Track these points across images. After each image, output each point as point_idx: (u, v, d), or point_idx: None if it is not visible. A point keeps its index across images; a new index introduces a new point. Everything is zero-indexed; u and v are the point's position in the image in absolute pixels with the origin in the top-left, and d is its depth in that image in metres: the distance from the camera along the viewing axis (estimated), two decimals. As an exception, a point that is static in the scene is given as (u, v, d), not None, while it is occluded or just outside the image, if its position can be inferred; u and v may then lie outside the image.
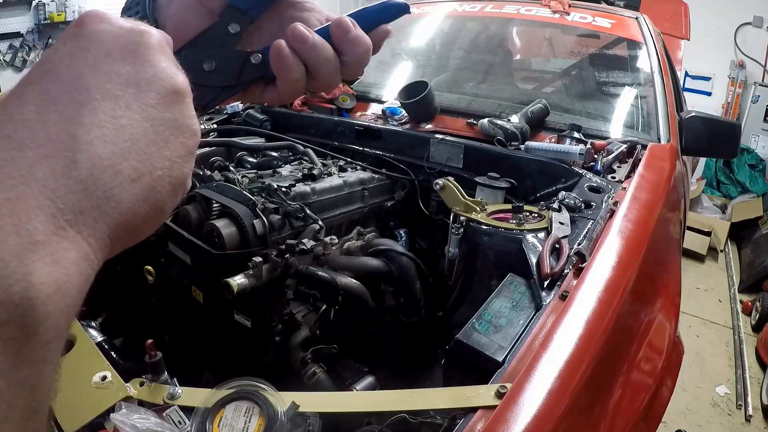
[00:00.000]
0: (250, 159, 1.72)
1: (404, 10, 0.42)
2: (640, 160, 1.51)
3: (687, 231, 3.42)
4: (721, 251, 4.26)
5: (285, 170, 1.54)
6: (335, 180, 1.53)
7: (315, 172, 1.51)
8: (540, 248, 1.05)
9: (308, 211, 1.32)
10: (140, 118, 0.26)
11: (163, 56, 0.29)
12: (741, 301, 3.53)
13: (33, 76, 0.25)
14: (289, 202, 1.31)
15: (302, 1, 0.44)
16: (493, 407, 0.70)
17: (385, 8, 0.42)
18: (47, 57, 0.26)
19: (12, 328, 0.19)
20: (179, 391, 0.77)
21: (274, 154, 1.73)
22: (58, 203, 0.22)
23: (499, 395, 0.71)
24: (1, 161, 0.21)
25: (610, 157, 1.52)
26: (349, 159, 1.73)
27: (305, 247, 1.21)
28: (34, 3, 4.64)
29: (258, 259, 1.16)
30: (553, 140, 1.68)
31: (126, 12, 0.42)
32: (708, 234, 4.23)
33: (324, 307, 1.26)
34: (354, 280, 1.25)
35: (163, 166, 0.26)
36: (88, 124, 0.24)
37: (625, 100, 2.00)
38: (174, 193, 0.27)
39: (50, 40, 4.81)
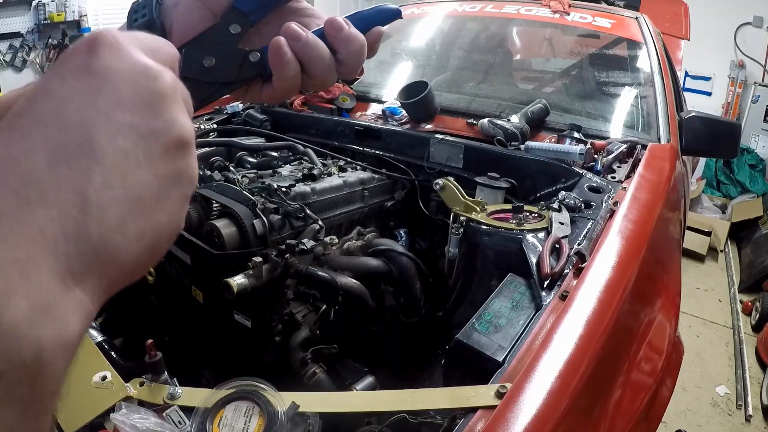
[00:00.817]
0: (250, 159, 1.72)
1: (396, 14, 0.44)
2: (640, 160, 1.51)
3: (687, 231, 3.42)
4: (721, 251, 4.26)
5: (285, 170, 1.54)
6: (335, 180, 1.53)
7: (315, 172, 1.51)
8: (540, 248, 1.05)
9: (308, 211, 1.32)
10: (148, 176, 0.25)
11: (175, 104, 0.27)
12: (741, 301, 3.53)
13: (39, 111, 0.23)
14: (289, 202, 1.31)
15: (303, 8, 0.45)
16: (493, 407, 0.70)
17: (378, 12, 0.43)
18: (55, 89, 0.24)
19: (22, 387, 0.20)
20: (179, 391, 0.77)
21: (274, 154, 1.73)
22: (67, 266, 0.22)
23: (499, 395, 0.71)
24: (10, 219, 0.21)
25: (610, 157, 1.52)
26: (349, 159, 1.73)
27: (305, 247, 1.21)
28: (34, 3, 4.64)
29: (258, 259, 1.16)
30: (553, 140, 1.68)
31: (132, 15, 0.42)
32: (708, 234, 4.23)
33: (324, 307, 1.26)
34: (354, 280, 1.25)
35: (165, 220, 0.27)
36: (98, 185, 0.23)
37: (625, 100, 2.00)
38: (171, 238, 0.28)
39: (50, 39, 4.81)
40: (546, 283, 0.96)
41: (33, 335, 0.20)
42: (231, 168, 1.55)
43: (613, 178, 1.44)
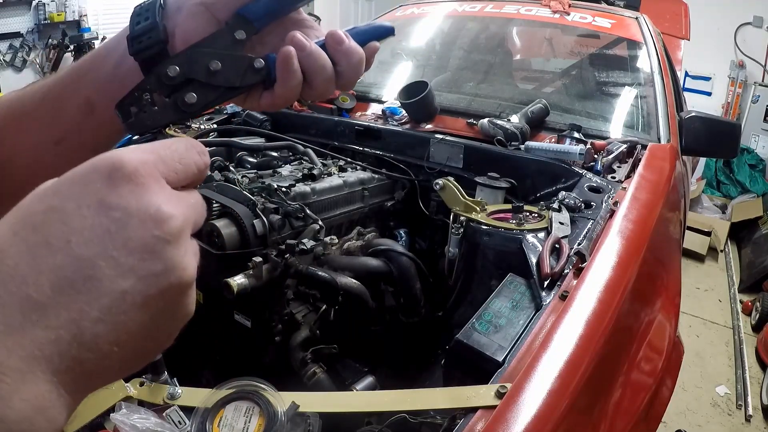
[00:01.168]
0: (250, 159, 1.72)
1: (390, 32, 0.46)
2: (640, 160, 1.51)
3: (687, 231, 3.42)
4: (721, 251, 4.26)
5: (285, 170, 1.54)
6: (335, 180, 1.53)
7: (315, 172, 1.51)
8: (540, 248, 1.05)
9: (308, 211, 1.32)
10: (141, 314, 0.27)
11: (180, 247, 0.28)
12: (741, 301, 3.53)
13: (53, 236, 0.25)
14: (289, 202, 1.31)
15: (303, 19, 0.46)
16: (493, 407, 0.70)
17: (374, 29, 0.46)
18: (70, 216, 0.26)
19: None
20: (179, 391, 0.77)
21: (274, 154, 1.73)
22: (60, 378, 0.25)
23: (499, 395, 0.71)
24: (15, 333, 0.24)
25: (610, 157, 1.52)
26: (349, 159, 1.73)
27: (305, 247, 1.21)
28: (34, 3, 4.64)
29: (258, 259, 1.16)
30: (553, 140, 1.68)
31: (135, 18, 0.43)
32: (708, 234, 4.23)
33: (324, 307, 1.26)
34: (354, 280, 1.25)
35: (153, 347, 0.29)
36: (94, 319, 0.25)
37: (625, 100, 2.00)
38: (157, 355, 0.30)
39: (50, 39, 4.81)
40: (546, 283, 0.96)
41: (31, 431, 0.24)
42: (231, 168, 1.55)
43: (613, 178, 1.44)
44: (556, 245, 1.05)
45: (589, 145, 1.55)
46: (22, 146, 0.47)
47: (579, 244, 1.06)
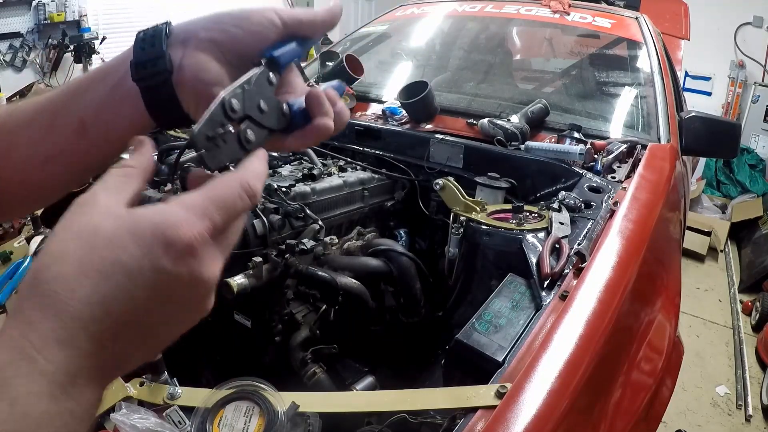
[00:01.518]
0: (250, 159, 1.72)
1: (343, 90, 0.50)
2: (640, 160, 1.51)
3: (687, 231, 3.42)
4: (721, 251, 4.26)
5: (285, 170, 1.54)
6: (335, 180, 1.52)
7: (315, 172, 1.51)
8: (540, 248, 1.05)
9: (308, 211, 1.32)
10: (169, 341, 0.35)
11: (211, 294, 0.36)
12: (741, 301, 3.53)
13: (119, 284, 0.31)
14: (289, 202, 1.31)
15: (295, 69, 0.48)
16: (493, 407, 0.70)
17: (338, 87, 0.48)
18: (133, 270, 0.31)
19: None
20: (179, 391, 0.77)
21: (274, 154, 1.73)
22: (103, 384, 0.33)
23: (499, 395, 0.71)
24: (83, 359, 0.30)
25: (610, 157, 1.52)
26: (349, 159, 1.73)
27: (305, 247, 1.21)
28: (34, 3, 4.63)
29: (258, 259, 1.16)
30: (553, 140, 1.68)
31: (140, 43, 0.42)
32: (708, 234, 4.23)
33: (324, 307, 1.26)
34: (354, 280, 1.25)
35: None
36: (141, 349, 0.34)
37: (625, 100, 2.00)
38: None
39: (50, 39, 4.80)
40: (546, 283, 0.96)
41: (83, 426, 0.31)
42: (231, 168, 1.55)
43: (613, 178, 1.44)
44: (556, 245, 1.05)
45: (589, 145, 1.55)
46: (10, 162, 0.46)
47: (579, 244, 1.06)
